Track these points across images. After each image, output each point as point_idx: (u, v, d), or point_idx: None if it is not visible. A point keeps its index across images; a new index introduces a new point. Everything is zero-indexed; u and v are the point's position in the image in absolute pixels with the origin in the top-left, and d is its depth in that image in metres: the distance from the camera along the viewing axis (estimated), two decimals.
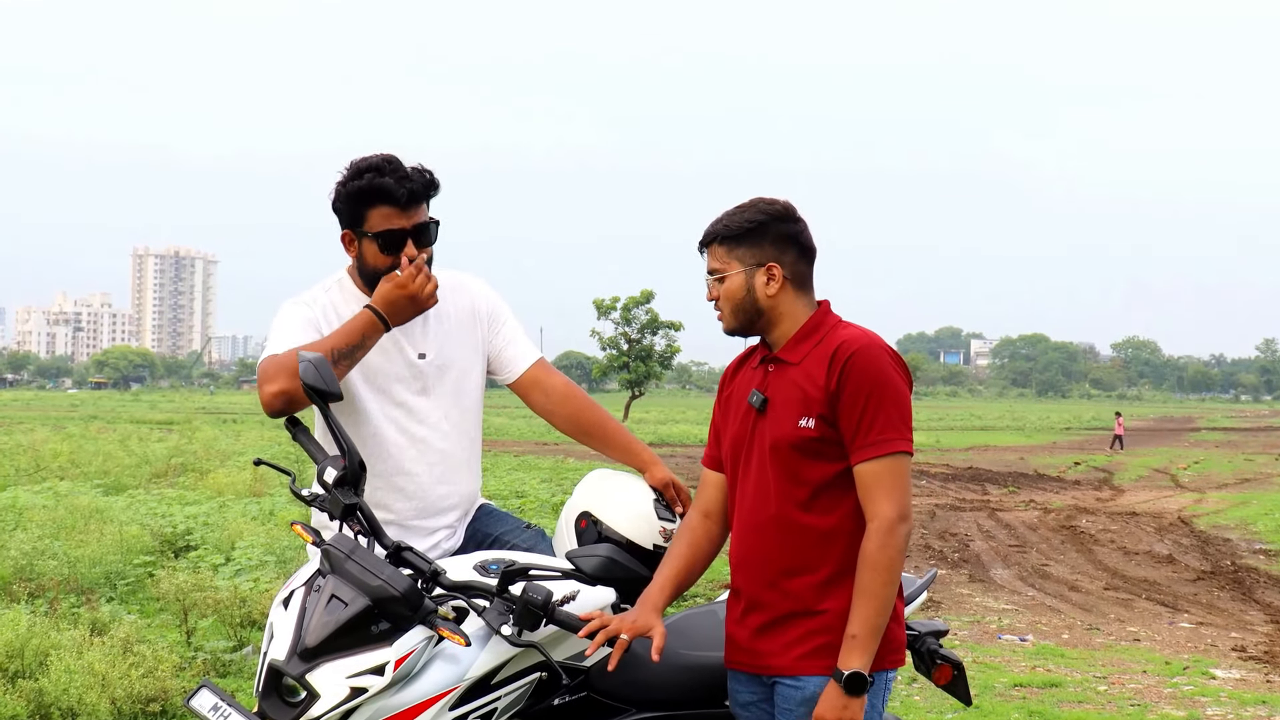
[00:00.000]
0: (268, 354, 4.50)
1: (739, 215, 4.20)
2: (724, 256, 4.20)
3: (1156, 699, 9.45)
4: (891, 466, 4.00)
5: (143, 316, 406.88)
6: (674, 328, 74.57)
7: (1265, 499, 27.28)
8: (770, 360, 4.22)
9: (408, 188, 4.59)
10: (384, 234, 4.58)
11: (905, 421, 4.05)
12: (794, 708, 4.08)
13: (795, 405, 4.08)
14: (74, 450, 27.29)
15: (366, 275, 4.66)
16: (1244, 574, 16.45)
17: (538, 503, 18.80)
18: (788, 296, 4.19)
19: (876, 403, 4.00)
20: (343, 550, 3.95)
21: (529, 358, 4.91)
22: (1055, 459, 44.47)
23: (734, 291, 4.19)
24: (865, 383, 4.01)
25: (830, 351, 4.07)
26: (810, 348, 4.14)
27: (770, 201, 4.22)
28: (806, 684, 4.05)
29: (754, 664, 4.19)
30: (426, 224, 4.66)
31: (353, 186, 4.60)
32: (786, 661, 4.10)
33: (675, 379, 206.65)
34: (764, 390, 4.19)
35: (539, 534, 4.84)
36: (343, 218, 4.67)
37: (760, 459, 4.15)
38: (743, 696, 4.28)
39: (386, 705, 3.88)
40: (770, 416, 4.14)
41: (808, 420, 4.05)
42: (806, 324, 4.20)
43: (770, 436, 4.12)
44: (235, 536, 13.46)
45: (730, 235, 4.19)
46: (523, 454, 37.55)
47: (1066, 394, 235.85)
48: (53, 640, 7.97)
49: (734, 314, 4.21)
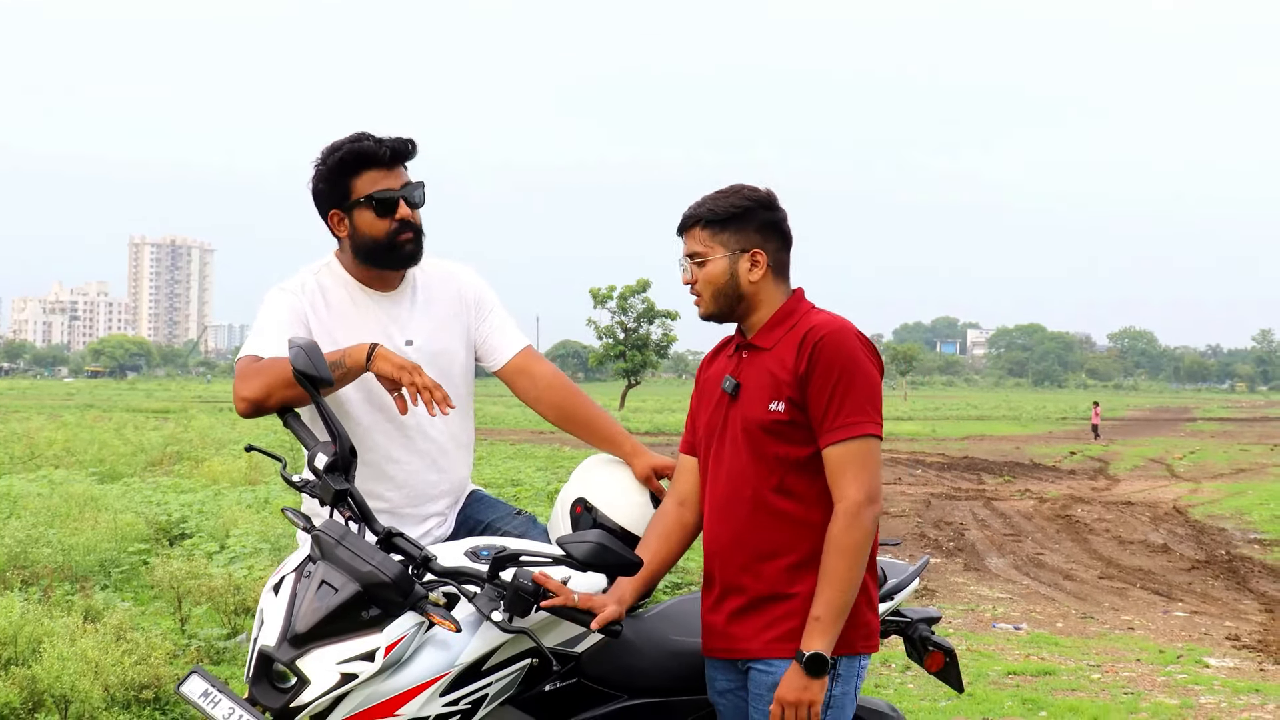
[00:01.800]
0: (248, 350, 4.49)
1: (724, 200, 4.20)
2: (707, 240, 4.20)
3: (1150, 687, 9.47)
4: (859, 449, 4.01)
5: (139, 305, 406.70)
6: (670, 317, 74.67)
7: (1260, 489, 27.30)
8: (744, 346, 4.24)
9: (389, 146, 4.60)
10: (375, 195, 4.58)
11: (874, 405, 4.06)
12: (765, 693, 4.08)
13: (766, 389, 4.10)
14: (69, 438, 27.30)
15: (363, 249, 4.64)
16: (1238, 563, 16.47)
17: (533, 491, 18.79)
18: (768, 283, 4.21)
19: (845, 386, 4.01)
20: (333, 536, 3.95)
21: (515, 345, 4.90)
22: (1051, 449, 44.48)
23: (716, 276, 4.19)
24: (834, 366, 4.02)
25: (800, 336, 4.08)
26: (783, 333, 4.15)
27: (754, 189, 4.23)
28: (777, 668, 4.06)
29: (728, 649, 4.19)
30: (415, 184, 4.67)
31: (333, 159, 4.60)
32: (757, 645, 4.11)
33: (671, 368, 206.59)
34: (737, 375, 4.21)
35: (530, 520, 4.84)
36: (327, 199, 4.66)
37: (733, 443, 4.16)
38: (720, 684, 4.29)
39: (377, 691, 3.87)
40: (742, 400, 4.16)
41: (778, 404, 4.06)
42: (780, 310, 4.21)
43: (742, 420, 4.14)
44: (230, 524, 13.46)
45: (715, 219, 4.19)
46: (519, 442, 37.56)
47: (1063, 384, 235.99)
48: (46, 627, 7.96)
49: (714, 299, 4.22)
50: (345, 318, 4.65)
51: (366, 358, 4.34)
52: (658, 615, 4.68)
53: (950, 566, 15.64)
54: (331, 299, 4.66)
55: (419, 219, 4.67)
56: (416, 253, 4.68)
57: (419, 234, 4.66)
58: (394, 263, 4.66)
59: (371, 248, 4.62)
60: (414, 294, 4.76)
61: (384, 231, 4.59)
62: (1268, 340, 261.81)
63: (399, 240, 4.61)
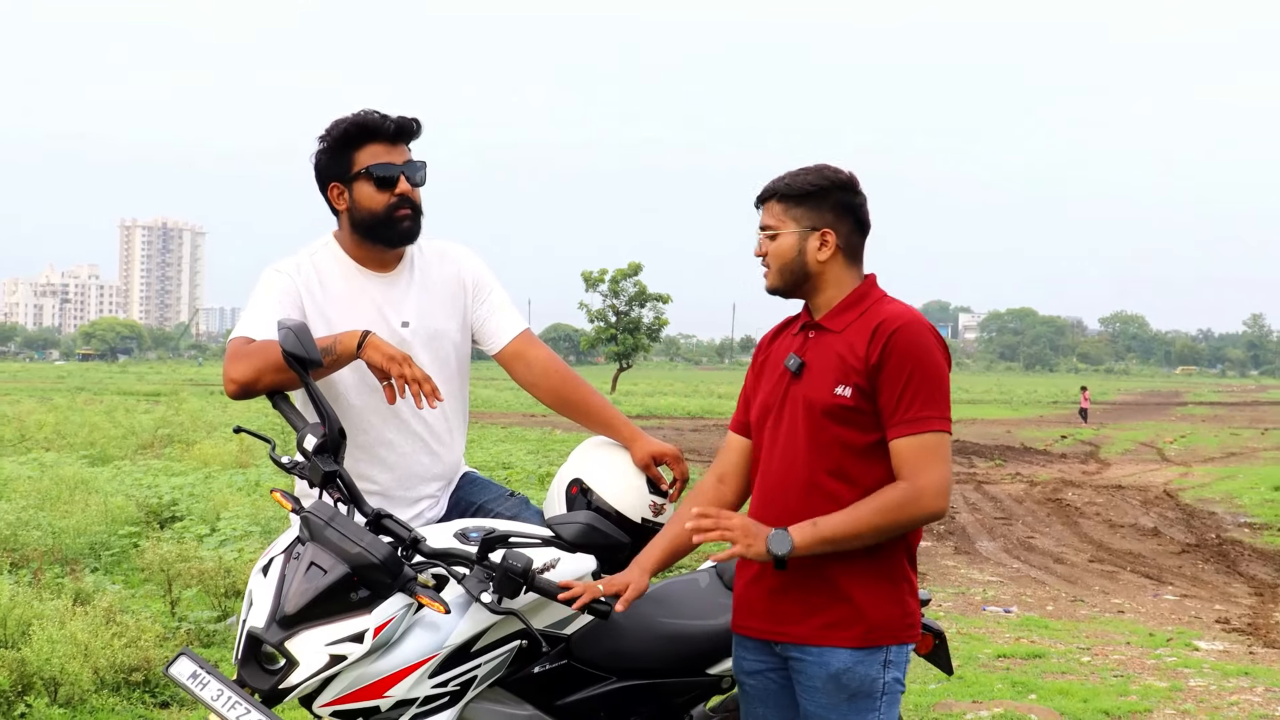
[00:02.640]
0: (240, 331, 4.47)
1: (802, 176, 4.15)
2: (780, 214, 4.15)
3: (1140, 670, 9.48)
4: (932, 443, 3.97)
5: (130, 288, 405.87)
6: (662, 300, 74.56)
7: (1251, 473, 27.33)
8: (811, 326, 4.18)
9: (394, 122, 4.60)
10: (376, 168, 4.57)
11: (945, 401, 4.03)
12: (821, 685, 4.05)
13: (833, 372, 4.05)
14: (60, 421, 27.24)
15: (361, 223, 4.62)
16: (1228, 547, 16.49)
17: (524, 474, 18.78)
18: (837, 265, 4.15)
19: (918, 380, 3.98)
20: (322, 517, 3.94)
21: (514, 329, 4.88)
22: (1042, 432, 44.51)
23: (784, 251, 4.14)
24: (908, 360, 3.98)
25: (874, 324, 4.04)
26: (854, 318, 4.10)
27: (836, 170, 4.18)
28: (830, 659, 4.03)
29: (769, 630, 4.15)
30: (417, 163, 4.67)
31: (338, 131, 4.59)
32: (804, 631, 4.07)
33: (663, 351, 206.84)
34: (802, 355, 4.15)
35: (523, 502, 4.83)
36: (327, 172, 4.64)
37: (791, 422, 4.11)
38: (749, 664, 4.25)
39: (365, 673, 3.87)
40: (806, 381, 4.11)
41: (844, 388, 4.02)
42: (852, 294, 4.16)
43: (804, 400, 4.09)
44: (220, 507, 13.45)
45: (790, 194, 4.14)
46: (510, 425, 37.50)
47: (1054, 368, 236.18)
48: (36, 610, 7.95)
49: (780, 273, 4.17)
50: (341, 298, 4.63)
51: (358, 345, 4.33)
52: (647, 598, 4.66)
53: (941, 550, 15.65)
54: (327, 279, 4.64)
55: (418, 198, 4.66)
56: (414, 230, 4.66)
57: (417, 212, 4.65)
58: (391, 239, 4.64)
59: (369, 222, 4.61)
60: (411, 275, 4.74)
61: (383, 206, 4.58)
62: (1259, 325, 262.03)
63: (397, 215, 4.60)
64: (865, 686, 4.04)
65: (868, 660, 4.04)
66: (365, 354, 4.32)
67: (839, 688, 4.03)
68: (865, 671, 4.04)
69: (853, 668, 4.02)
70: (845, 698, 4.04)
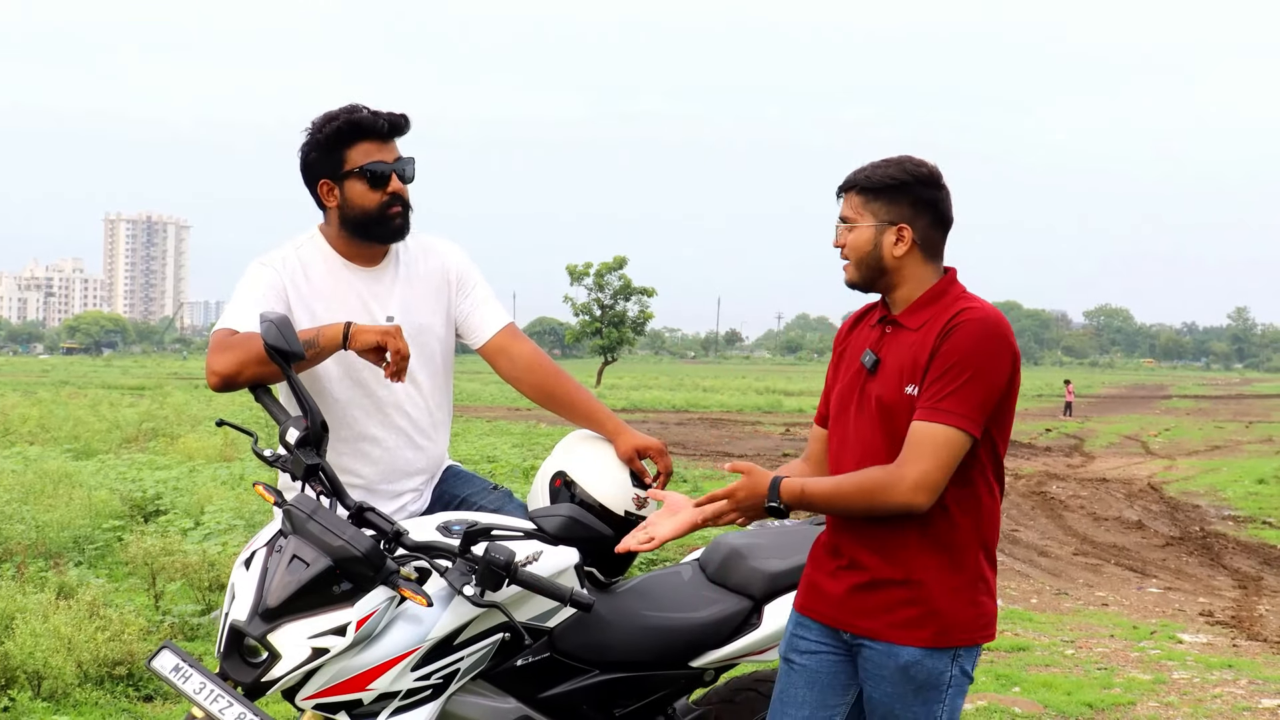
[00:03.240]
0: (224, 323, 4.48)
1: (883, 169, 4.09)
2: (859, 206, 4.09)
3: (1124, 663, 9.50)
4: (942, 437, 3.87)
5: (115, 282, 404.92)
6: (647, 294, 74.53)
7: (1235, 466, 27.42)
8: (889, 322, 4.13)
9: (385, 119, 4.62)
10: (369, 167, 4.58)
11: (978, 402, 3.89)
12: (887, 674, 4.03)
13: (905, 370, 3.99)
14: (44, 415, 27.18)
15: (352, 221, 4.63)
16: (1212, 540, 16.54)
17: (509, 467, 18.78)
18: (914, 260, 4.08)
19: (962, 373, 3.88)
20: (304, 510, 3.94)
21: (497, 323, 4.89)
22: (1026, 425, 44.54)
23: (861, 244, 4.08)
24: (957, 350, 3.90)
25: (947, 319, 3.96)
26: (930, 315, 4.03)
27: (918, 163, 4.10)
28: (900, 653, 4.00)
29: (843, 621, 4.10)
30: (407, 159, 4.68)
31: (329, 128, 4.60)
32: (877, 626, 4.03)
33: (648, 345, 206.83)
34: (878, 351, 4.10)
35: (506, 495, 4.83)
36: (317, 169, 4.65)
37: (867, 419, 4.07)
38: (807, 645, 4.20)
39: (348, 666, 3.87)
40: (880, 377, 4.06)
41: (914, 387, 3.96)
42: (931, 290, 4.08)
43: (876, 398, 4.04)
44: (205, 501, 13.43)
45: (870, 187, 4.07)
46: (494, 419, 37.52)
47: (1039, 361, 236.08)
48: (19, 604, 7.94)
49: (857, 267, 4.10)
50: (326, 292, 4.64)
51: (343, 338, 4.33)
52: (630, 591, 4.68)
53: None
54: (312, 273, 4.65)
55: (408, 194, 4.67)
56: (404, 227, 4.68)
57: (408, 209, 4.68)
58: (382, 236, 4.66)
59: (361, 220, 4.62)
60: (396, 269, 4.75)
61: (375, 204, 4.59)
62: (1243, 318, 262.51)
63: (389, 213, 4.62)
64: (932, 679, 4.03)
65: (937, 655, 4.02)
66: (355, 342, 4.32)
67: (906, 679, 4.02)
68: (934, 665, 4.02)
69: (921, 660, 4.00)
70: (912, 689, 4.03)
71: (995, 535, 4.12)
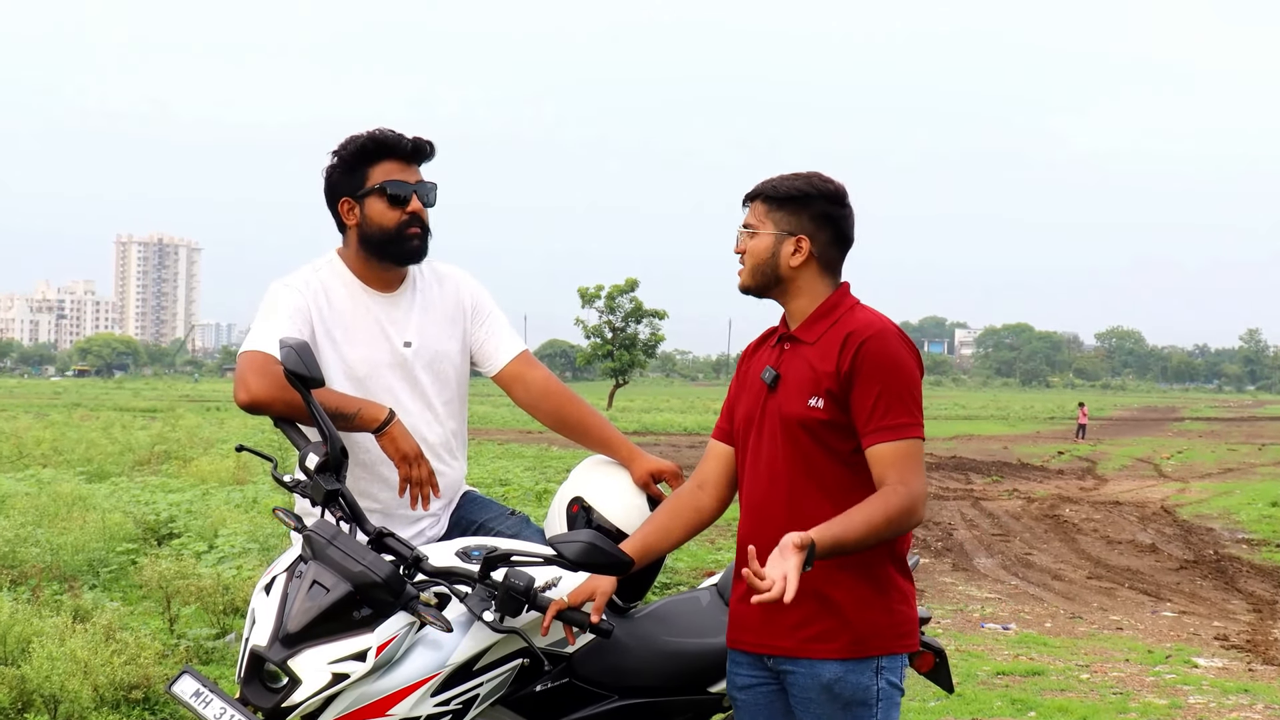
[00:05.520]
0: (251, 345, 4.48)
1: (789, 181, 4.17)
2: (762, 215, 4.17)
3: (1139, 687, 9.48)
4: (909, 449, 3.99)
5: (126, 304, 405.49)
6: (658, 316, 74.68)
7: (1248, 488, 27.34)
8: (786, 338, 4.20)
9: (410, 141, 4.65)
10: (390, 184, 4.60)
11: (918, 406, 4.05)
12: (813, 695, 4.05)
13: (806, 384, 4.06)
14: (57, 438, 27.24)
15: (371, 240, 4.64)
16: (1226, 563, 16.50)
17: (522, 491, 18.77)
18: (810, 273, 4.16)
19: (890, 388, 3.99)
20: (324, 536, 3.95)
21: (511, 351, 4.90)
22: (1039, 448, 44.52)
23: (759, 251, 4.16)
24: (880, 368, 3.99)
25: (844, 334, 4.05)
26: (825, 328, 4.11)
27: (825, 179, 4.19)
28: (820, 670, 4.03)
29: (759, 643, 4.14)
30: (429, 184, 4.71)
31: (354, 146, 4.63)
32: (792, 644, 4.06)
33: (659, 368, 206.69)
34: (777, 367, 4.17)
35: (523, 520, 4.84)
36: (340, 187, 4.67)
37: (770, 437, 4.13)
38: (742, 679, 4.24)
39: (368, 691, 3.88)
40: (781, 394, 4.12)
41: (817, 400, 4.03)
42: (824, 304, 4.17)
43: (780, 414, 4.10)
44: (218, 524, 13.43)
45: (774, 196, 4.16)
46: (507, 442, 37.53)
47: (1050, 384, 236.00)
48: (35, 627, 7.95)
49: (751, 272, 4.19)
50: (346, 316, 4.66)
51: (379, 426, 4.40)
52: (649, 615, 4.68)
53: (939, 567, 15.66)
54: (333, 297, 4.66)
55: (429, 218, 4.69)
56: (422, 250, 4.70)
57: (427, 232, 4.69)
58: (399, 257, 4.67)
59: (379, 239, 4.63)
60: (413, 296, 4.77)
61: (394, 223, 4.61)
62: (1255, 340, 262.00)
63: (407, 234, 4.63)
64: (859, 695, 4.05)
65: (858, 669, 4.04)
66: (382, 441, 4.42)
67: (832, 698, 4.03)
68: (857, 680, 4.04)
69: (844, 677, 4.03)
70: (839, 707, 4.04)
71: (905, 543, 4.18)
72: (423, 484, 4.42)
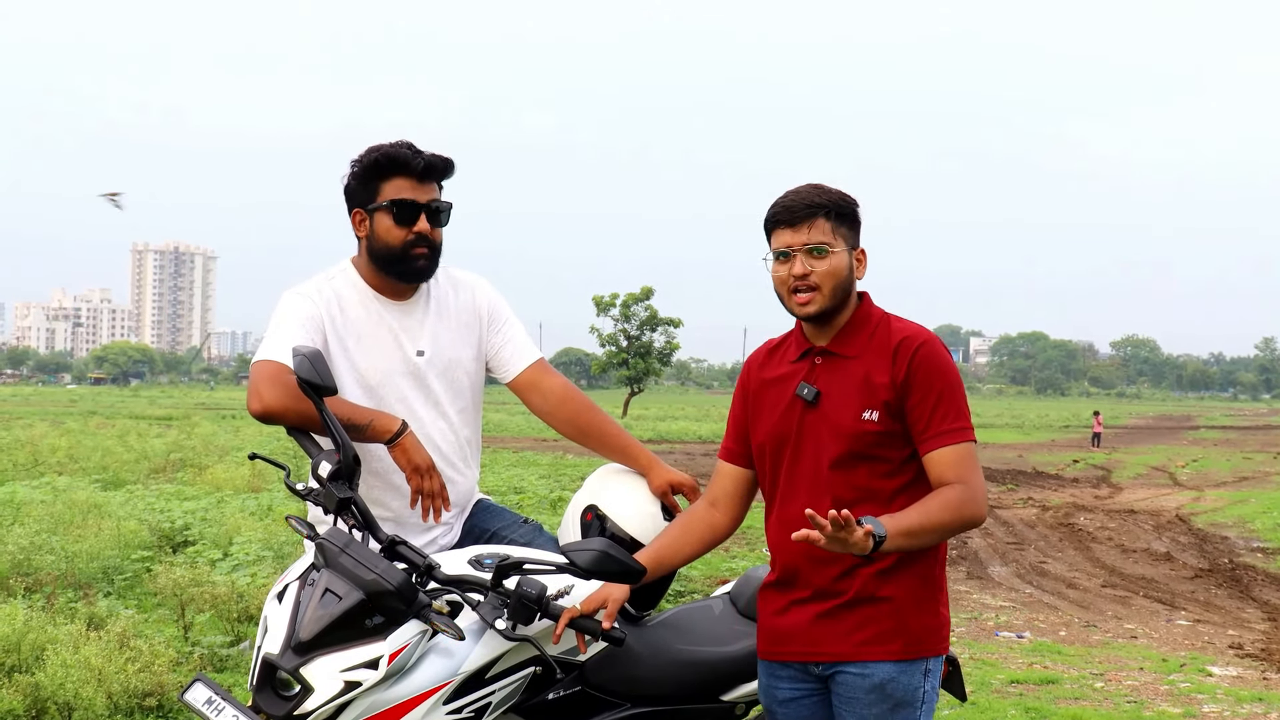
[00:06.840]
0: (264, 354, 4.49)
1: (839, 194, 4.11)
2: (830, 232, 4.07)
3: (1153, 696, 9.46)
4: (966, 451, 4.04)
5: (142, 312, 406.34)
6: (673, 324, 74.63)
7: (1263, 497, 27.25)
8: (819, 353, 4.16)
9: (424, 159, 4.61)
10: (398, 202, 4.57)
11: (968, 412, 4.10)
12: (861, 695, 4.05)
13: (857, 398, 4.04)
14: (72, 445, 27.31)
15: (377, 254, 4.63)
16: (1241, 572, 16.45)
17: (536, 499, 18.75)
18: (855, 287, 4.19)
19: (944, 394, 4.03)
20: (337, 544, 3.96)
21: (527, 358, 4.89)
22: (1054, 456, 44.42)
23: (840, 270, 4.08)
24: (932, 374, 4.02)
25: (892, 344, 4.05)
26: (865, 340, 4.10)
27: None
28: (873, 671, 4.03)
29: (809, 652, 4.12)
30: (443, 203, 4.67)
31: (368, 159, 4.62)
32: (846, 648, 4.06)
33: (674, 376, 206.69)
34: (814, 383, 4.12)
35: (536, 528, 4.83)
36: (354, 198, 4.67)
37: (814, 452, 4.09)
38: (784, 693, 4.22)
39: (380, 699, 3.88)
40: (826, 409, 4.08)
41: (871, 413, 4.02)
42: (856, 315, 4.16)
43: (828, 429, 4.06)
44: (233, 532, 13.45)
45: (840, 212, 4.10)
46: (521, 450, 37.51)
47: (1066, 392, 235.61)
48: (50, 635, 7.97)
49: (833, 294, 4.07)
50: (359, 325, 4.65)
51: (391, 437, 4.40)
52: (661, 624, 4.68)
53: (953, 575, 15.63)
54: (346, 305, 4.66)
55: (439, 237, 4.66)
56: (428, 269, 4.67)
57: (435, 252, 4.65)
58: (403, 274, 4.65)
59: (385, 254, 4.62)
60: (427, 304, 4.76)
61: (399, 240, 4.59)
62: (1270, 348, 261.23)
63: (413, 253, 4.60)
64: (908, 696, 4.06)
65: (910, 670, 4.06)
66: (394, 451, 4.42)
67: (883, 698, 4.04)
68: (908, 681, 4.06)
69: (896, 678, 4.04)
70: (889, 708, 4.05)
71: (946, 544, 4.22)
72: (434, 496, 4.42)
